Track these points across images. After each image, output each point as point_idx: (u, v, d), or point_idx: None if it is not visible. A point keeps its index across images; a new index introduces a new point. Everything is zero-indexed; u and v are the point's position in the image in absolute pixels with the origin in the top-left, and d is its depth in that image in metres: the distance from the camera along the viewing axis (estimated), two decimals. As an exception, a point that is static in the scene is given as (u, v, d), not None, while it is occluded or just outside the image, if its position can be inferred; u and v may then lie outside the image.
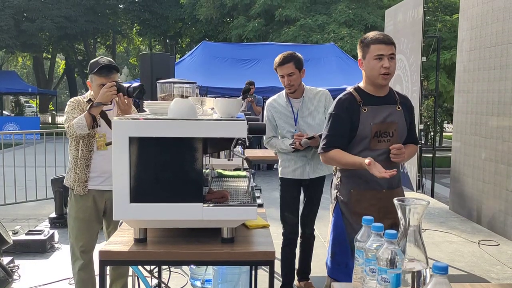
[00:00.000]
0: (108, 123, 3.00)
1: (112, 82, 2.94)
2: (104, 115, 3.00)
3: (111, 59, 3.12)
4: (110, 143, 2.84)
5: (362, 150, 2.51)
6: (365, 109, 2.51)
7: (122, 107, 2.98)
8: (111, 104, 3.09)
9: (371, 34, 2.55)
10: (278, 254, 3.53)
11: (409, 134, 2.68)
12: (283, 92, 3.61)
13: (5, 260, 4.13)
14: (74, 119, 2.91)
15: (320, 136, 3.31)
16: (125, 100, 2.95)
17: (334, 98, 3.50)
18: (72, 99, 3.12)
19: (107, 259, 1.88)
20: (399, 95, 2.69)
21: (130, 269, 3.29)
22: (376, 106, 2.54)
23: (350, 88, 2.63)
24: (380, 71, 2.47)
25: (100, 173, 3.06)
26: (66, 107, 3.09)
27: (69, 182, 3.09)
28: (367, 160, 2.34)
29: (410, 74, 7.68)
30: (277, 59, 3.45)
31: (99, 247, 3.25)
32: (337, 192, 2.64)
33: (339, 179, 2.64)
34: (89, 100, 3.05)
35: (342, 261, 2.55)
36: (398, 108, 2.60)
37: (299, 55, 3.49)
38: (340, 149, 2.54)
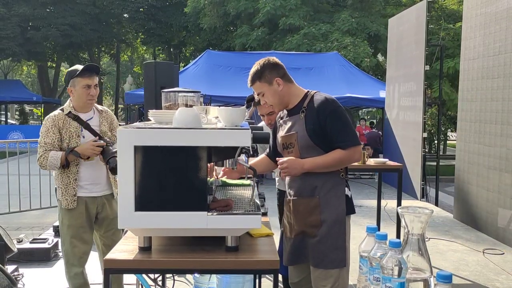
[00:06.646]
0: (93, 132, 3.06)
1: (103, 143, 2.97)
2: (87, 126, 3.05)
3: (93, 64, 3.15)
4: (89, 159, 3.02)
5: None
6: None
7: (90, 151, 2.97)
8: (91, 111, 3.13)
9: None
10: (282, 263, 3.52)
11: None
12: None
13: (10, 268, 4.14)
14: (49, 151, 2.95)
15: None
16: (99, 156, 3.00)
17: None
18: (48, 118, 3.08)
19: (112, 267, 1.88)
20: None
21: (134, 277, 3.29)
22: None
23: None
24: None
25: (90, 181, 3.09)
26: (42, 126, 3.07)
27: (59, 196, 3.10)
28: None
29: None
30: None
31: (93, 254, 3.27)
32: None
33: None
34: (69, 113, 3.03)
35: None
36: None
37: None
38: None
